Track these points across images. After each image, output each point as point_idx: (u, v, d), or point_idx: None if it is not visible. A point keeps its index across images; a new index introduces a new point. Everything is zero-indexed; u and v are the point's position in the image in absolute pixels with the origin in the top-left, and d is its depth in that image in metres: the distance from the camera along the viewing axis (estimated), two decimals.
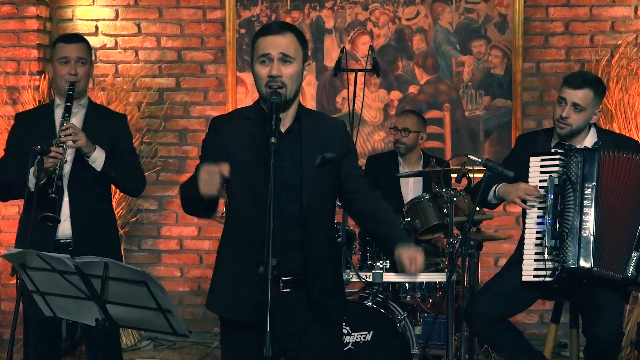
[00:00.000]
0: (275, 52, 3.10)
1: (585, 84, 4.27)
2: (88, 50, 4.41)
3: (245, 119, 3.21)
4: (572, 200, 4.10)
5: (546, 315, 6.16)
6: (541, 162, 4.24)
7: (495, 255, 6.31)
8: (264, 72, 3.11)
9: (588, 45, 6.29)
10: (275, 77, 3.09)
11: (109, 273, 2.88)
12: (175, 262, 6.63)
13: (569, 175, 4.13)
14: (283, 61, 3.11)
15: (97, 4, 6.52)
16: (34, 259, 2.98)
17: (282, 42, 3.12)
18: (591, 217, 4.08)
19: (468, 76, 6.37)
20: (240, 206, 3.18)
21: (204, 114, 6.51)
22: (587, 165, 4.11)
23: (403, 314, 4.85)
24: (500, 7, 6.32)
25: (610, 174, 4.13)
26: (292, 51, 3.12)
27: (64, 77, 4.30)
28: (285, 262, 3.01)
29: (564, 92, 4.30)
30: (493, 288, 4.36)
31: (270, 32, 3.14)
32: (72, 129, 4.15)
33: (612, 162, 4.13)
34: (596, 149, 4.16)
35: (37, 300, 3.15)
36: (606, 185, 4.12)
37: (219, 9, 6.50)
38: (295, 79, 3.14)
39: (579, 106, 4.26)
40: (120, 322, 3.05)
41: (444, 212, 4.92)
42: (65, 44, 4.35)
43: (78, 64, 4.32)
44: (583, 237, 4.07)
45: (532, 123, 6.26)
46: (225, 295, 3.18)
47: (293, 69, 3.12)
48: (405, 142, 5.68)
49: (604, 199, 4.11)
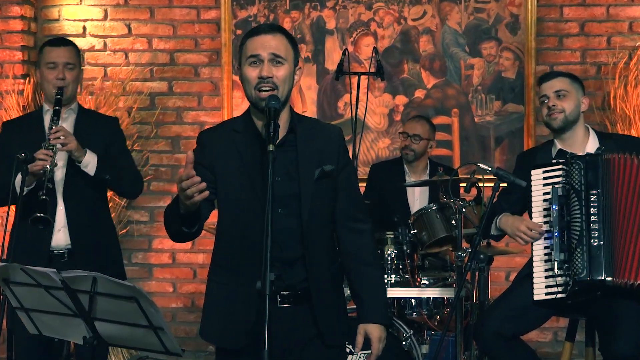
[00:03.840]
0: (266, 53, 3.10)
1: (558, 74, 4.57)
2: (77, 54, 4.48)
3: (234, 133, 3.19)
4: (578, 209, 4.12)
5: (560, 333, 6.16)
6: (543, 174, 4.27)
7: (506, 270, 6.32)
8: (253, 73, 3.10)
9: (605, 47, 6.30)
10: (266, 78, 3.08)
11: (97, 288, 2.88)
12: (167, 276, 6.64)
13: (572, 184, 4.14)
14: (274, 62, 3.10)
15: (84, 4, 6.54)
16: (18, 274, 2.99)
17: (273, 43, 3.12)
18: (600, 225, 4.10)
19: (478, 80, 6.39)
20: (230, 226, 3.19)
21: (198, 120, 6.52)
22: (590, 171, 4.14)
23: (409, 332, 4.85)
24: (511, 6, 6.34)
25: (617, 177, 4.15)
26: (283, 52, 3.12)
27: (51, 82, 4.36)
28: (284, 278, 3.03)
29: (542, 89, 4.47)
30: (504, 304, 4.37)
31: (260, 32, 3.14)
32: (62, 132, 4.21)
33: (618, 165, 4.15)
34: (598, 154, 4.19)
35: (21, 317, 3.15)
36: (614, 189, 4.13)
37: (213, 9, 6.52)
38: (287, 82, 3.13)
39: (561, 91, 4.41)
40: (109, 340, 3.06)
41: (452, 223, 4.93)
42: (53, 48, 4.42)
43: (66, 69, 4.38)
44: (593, 246, 4.08)
45: (545, 129, 6.19)
46: (218, 322, 3.19)
47: (285, 70, 3.12)
48: (414, 149, 5.70)
49: (613, 204, 4.12)
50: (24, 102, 6.19)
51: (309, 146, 3.18)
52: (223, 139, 3.21)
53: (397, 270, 5.11)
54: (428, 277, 5.13)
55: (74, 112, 4.49)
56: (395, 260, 5.12)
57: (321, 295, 3.16)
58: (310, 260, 3.14)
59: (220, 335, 3.20)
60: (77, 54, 4.50)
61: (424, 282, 5.10)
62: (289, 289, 3.12)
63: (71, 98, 4.45)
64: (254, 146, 3.14)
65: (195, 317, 6.46)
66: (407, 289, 5.05)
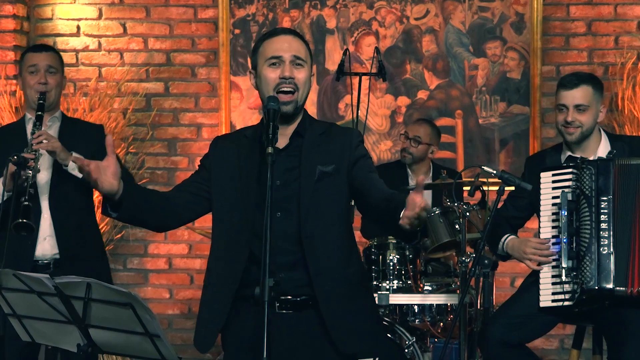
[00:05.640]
0: (288, 54, 3.11)
1: (581, 81, 4.30)
2: (58, 59, 4.50)
3: (243, 138, 3.23)
4: (588, 215, 4.10)
5: (567, 341, 6.16)
6: (552, 177, 4.24)
7: (511, 276, 6.32)
8: (274, 75, 3.10)
9: (612, 47, 6.31)
10: (288, 79, 3.09)
11: (91, 294, 2.88)
12: (163, 282, 6.63)
13: (582, 190, 4.13)
14: (295, 64, 3.12)
15: (78, 2, 6.54)
16: (10, 279, 2.99)
17: (294, 45, 3.14)
18: (610, 233, 4.09)
19: (482, 80, 6.39)
20: (222, 230, 3.20)
21: (194, 122, 6.52)
22: (601, 177, 4.12)
23: (411, 339, 4.85)
24: (517, 5, 6.35)
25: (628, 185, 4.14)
26: (304, 54, 3.15)
27: (33, 87, 4.36)
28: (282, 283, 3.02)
29: (562, 97, 4.29)
30: (509, 311, 4.37)
31: (279, 34, 3.17)
32: (45, 135, 4.19)
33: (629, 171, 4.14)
34: (611, 159, 4.18)
35: (13, 324, 3.15)
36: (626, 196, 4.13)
37: (211, 8, 6.52)
38: (306, 85, 3.16)
39: (581, 106, 4.26)
40: (104, 348, 3.06)
41: (455, 228, 4.94)
42: (34, 53, 4.46)
43: (48, 73, 4.37)
44: (602, 254, 4.07)
45: (551, 131, 6.27)
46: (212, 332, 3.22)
47: (305, 73, 3.14)
48: (412, 152, 5.70)
49: (627, 211, 4.11)
50: (17, 103, 6.18)
51: (315, 150, 3.17)
52: (230, 144, 3.25)
53: (399, 276, 5.11)
54: (431, 283, 5.13)
55: (58, 119, 4.48)
56: (398, 266, 5.12)
57: (331, 301, 3.11)
58: (314, 264, 3.10)
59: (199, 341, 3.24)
60: (60, 59, 4.51)
61: (427, 288, 5.11)
62: (288, 294, 3.11)
63: (54, 105, 4.43)
64: (254, 150, 3.15)
65: (192, 324, 6.45)
66: (410, 295, 5.05)
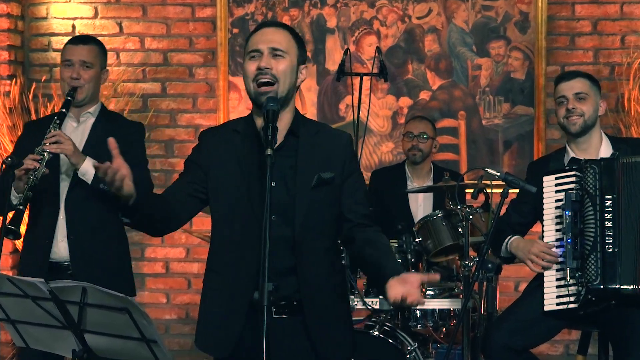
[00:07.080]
0: (265, 46, 3.13)
1: (577, 74, 4.48)
2: (98, 53, 4.41)
3: (234, 133, 3.22)
4: (592, 215, 4.13)
5: (572, 346, 6.17)
6: (555, 180, 4.27)
7: (515, 280, 6.32)
8: (252, 67, 3.13)
9: (618, 47, 6.31)
10: (264, 69, 3.10)
11: (87, 299, 2.88)
12: (160, 287, 6.64)
13: (586, 189, 4.15)
14: (273, 55, 3.13)
15: (74, 1, 6.55)
16: (4, 284, 2.99)
17: (274, 37, 3.15)
18: (615, 231, 4.10)
19: (485, 81, 6.40)
20: (223, 231, 3.21)
21: (192, 123, 6.53)
22: (605, 176, 4.15)
23: (413, 345, 4.85)
24: (521, 4, 6.36)
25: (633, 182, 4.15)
26: (284, 45, 3.15)
27: (66, 81, 4.34)
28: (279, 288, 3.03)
29: (561, 89, 4.41)
30: (513, 316, 4.38)
31: (262, 27, 3.20)
32: (58, 136, 4.17)
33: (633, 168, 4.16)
34: (614, 158, 4.21)
35: (7, 329, 3.16)
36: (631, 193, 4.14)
37: (209, 7, 6.53)
38: (288, 76, 3.14)
39: (581, 94, 4.37)
40: (100, 354, 3.06)
41: (458, 231, 4.94)
42: (71, 45, 4.39)
43: (82, 68, 4.33)
44: (607, 253, 4.09)
45: (556, 133, 6.28)
46: (213, 331, 3.22)
47: (285, 63, 3.13)
48: (422, 149, 5.72)
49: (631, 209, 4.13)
50: (10, 103, 6.19)
51: (311, 152, 3.18)
52: (222, 140, 3.23)
53: None
54: (433, 287, 5.13)
55: (93, 115, 4.40)
56: None
57: (316, 307, 3.16)
58: (303, 271, 3.14)
59: (215, 344, 3.22)
60: (99, 53, 4.42)
61: (430, 292, 5.11)
62: (284, 299, 3.13)
63: (87, 99, 4.36)
64: (252, 148, 3.15)
65: (190, 329, 6.45)
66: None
